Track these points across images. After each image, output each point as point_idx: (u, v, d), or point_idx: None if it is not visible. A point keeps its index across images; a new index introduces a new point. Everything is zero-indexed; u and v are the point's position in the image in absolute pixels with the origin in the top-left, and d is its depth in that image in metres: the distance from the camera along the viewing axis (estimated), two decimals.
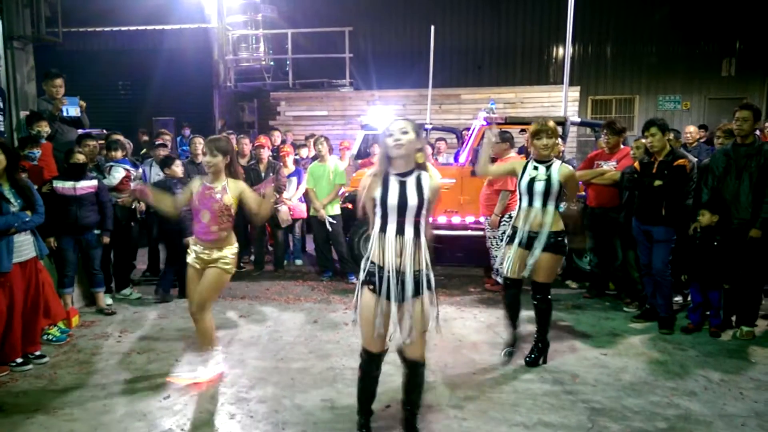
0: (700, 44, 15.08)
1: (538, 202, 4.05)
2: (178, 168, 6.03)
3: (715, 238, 4.80)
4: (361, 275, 2.94)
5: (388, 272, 2.81)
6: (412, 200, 2.79)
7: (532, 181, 4.05)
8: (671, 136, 5.90)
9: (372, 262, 2.89)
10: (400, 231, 2.83)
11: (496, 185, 5.98)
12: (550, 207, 4.04)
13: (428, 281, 2.87)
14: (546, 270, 4.08)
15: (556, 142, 4.08)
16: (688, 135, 8.27)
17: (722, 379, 4.01)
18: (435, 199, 2.86)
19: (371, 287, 2.89)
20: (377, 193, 2.84)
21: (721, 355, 4.44)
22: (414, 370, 2.98)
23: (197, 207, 3.81)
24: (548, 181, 4.01)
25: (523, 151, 9.41)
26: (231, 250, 3.89)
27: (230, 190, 3.81)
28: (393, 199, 2.81)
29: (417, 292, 2.84)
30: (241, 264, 7.08)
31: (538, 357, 4.22)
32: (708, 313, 4.94)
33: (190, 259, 3.91)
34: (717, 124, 7.52)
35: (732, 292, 4.94)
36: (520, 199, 4.17)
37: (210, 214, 3.77)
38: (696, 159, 5.59)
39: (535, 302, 4.20)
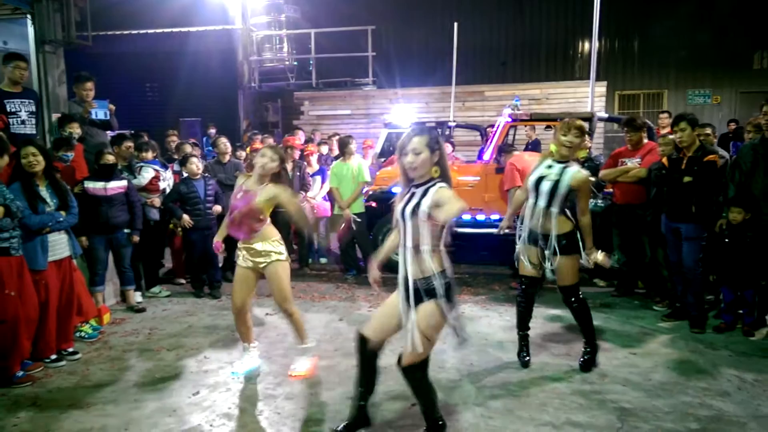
0: (731, 37, 14.69)
1: (542, 202, 3.90)
2: (192, 165, 6.08)
3: (747, 235, 4.68)
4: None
5: (400, 277, 2.88)
6: (407, 211, 2.81)
7: (540, 179, 3.91)
8: (708, 131, 5.77)
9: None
10: (404, 239, 2.86)
11: (506, 186, 5.99)
12: (554, 209, 3.85)
13: (429, 291, 2.80)
14: (565, 273, 3.95)
15: (581, 143, 3.96)
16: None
17: (756, 379, 3.91)
18: (435, 203, 2.71)
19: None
20: (395, 205, 2.93)
21: (754, 355, 4.34)
22: (404, 377, 2.96)
23: (233, 203, 3.89)
24: (557, 182, 3.84)
25: (533, 146, 9.33)
26: (274, 239, 3.95)
27: (265, 194, 3.83)
28: (397, 210, 2.87)
29: (419, 300, 2.82)
30: None
31: (590, 360, 4.09)
32: (741, 311, 4.83)
33: (240, 260, 3.97)
34: (748, 119, 7.34)
35: (766, 290, 4.82)
36: (529, 196, 4.03)
37: (239, 214, 3.83)
38: (727, 154, 5.47)
39: (567, 306, 4.11)
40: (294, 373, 4.05)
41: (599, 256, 3.91)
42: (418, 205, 2.77)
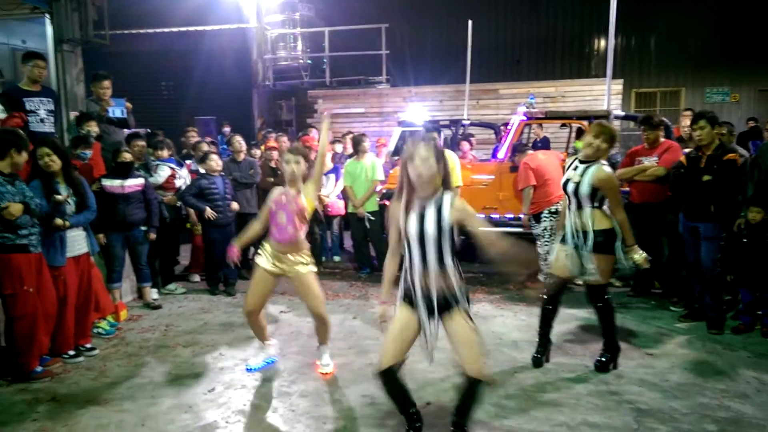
0: (750, 34, 14.44)
1: (573, 204, 3.93)
2: (212, 162, 6.12)
3: (766, 235, 4.61)
4: (399, 292, 2.94)
5: (418, 295, 2.82)
6: (430, 229, 2.75)
7: (567, 182, 3.96)
8: (725, 130, 5.68)
9: (406, 281, 2.89)
10: (423, 258, 2.80)
11: (520, 185, 5.94)
12: (587, 208, 3.86)
13: (456, 301, 2.81)
14: (597, 272, 3.90)
15: (608, 148, 3.89)
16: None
17: None
18: (463, 217, 2.76)
19: (407, 301, 2.89)
20: (400, 222, 2.83)
21: None
22: (470, 386, 2.87)
23: (274, 210, 3.90)
24: (578, 183, 3.85)
25: (542, 144, 9.25)
26: (306, 253, 3.98)
27: (305, 193, 3.88)
28: (412, 228, 2.79)
29: (447, 310, 2.81)
30: None
31: (607, 362, 4.05)
32: (760, 312, 4.76)
33: (262, 260, 3.95)
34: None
35: None
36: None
37: (286, 215, 3.84)
38: (747, 153, 5.39)
39: (592, 305, 4.06)
40: (325, 370, 4.07)
41: (638, 256, 3.83)
42: (440, 220, 2.75)
